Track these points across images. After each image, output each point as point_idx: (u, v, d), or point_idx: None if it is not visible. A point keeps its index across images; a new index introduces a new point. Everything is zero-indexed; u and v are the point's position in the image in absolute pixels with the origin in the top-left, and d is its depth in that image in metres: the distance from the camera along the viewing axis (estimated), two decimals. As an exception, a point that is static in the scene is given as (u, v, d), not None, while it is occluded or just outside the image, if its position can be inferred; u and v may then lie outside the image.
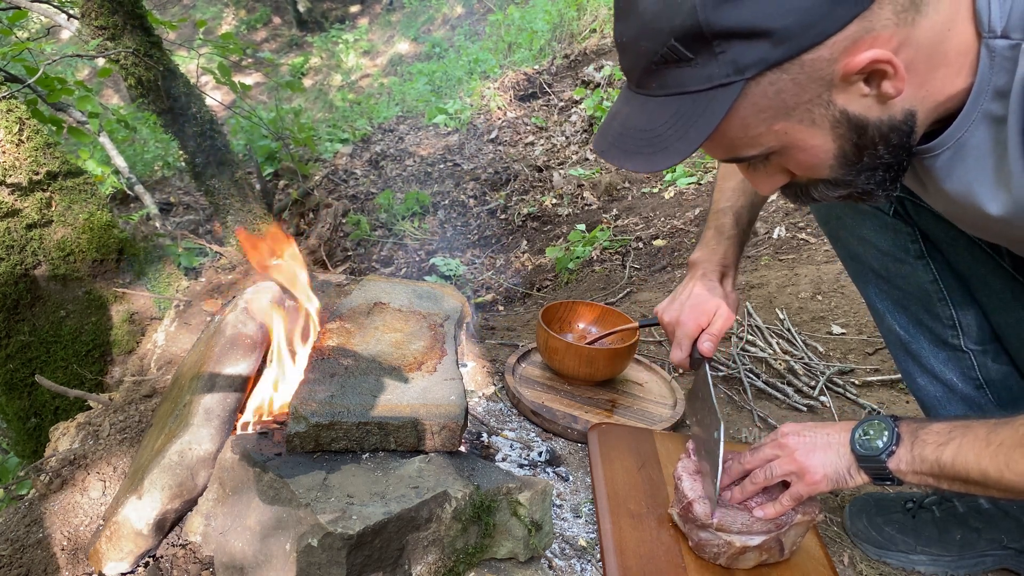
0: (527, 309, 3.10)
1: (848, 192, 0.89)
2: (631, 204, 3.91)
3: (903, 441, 0.97)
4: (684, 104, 0.78)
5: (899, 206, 1.18)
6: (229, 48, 3.17)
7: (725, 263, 1.30)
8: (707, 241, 1.33)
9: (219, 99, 5.97)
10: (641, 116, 0.83)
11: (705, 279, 1.28)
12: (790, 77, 0.75)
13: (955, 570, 1.26)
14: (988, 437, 0.88)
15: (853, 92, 0.77)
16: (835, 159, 0.84)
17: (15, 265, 1.73)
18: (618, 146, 0.85)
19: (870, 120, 0.80)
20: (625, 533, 1.16)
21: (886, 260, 1.23)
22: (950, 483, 0.93)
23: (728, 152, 0.86)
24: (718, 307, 1.24)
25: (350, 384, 1.20)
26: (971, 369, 1.22)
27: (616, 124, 0.87)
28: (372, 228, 4.37)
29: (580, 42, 6.46)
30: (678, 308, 1.27)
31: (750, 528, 1.07)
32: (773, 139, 0.82)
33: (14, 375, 1.84)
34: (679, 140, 0.79)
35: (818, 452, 1.04)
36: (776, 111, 0.78)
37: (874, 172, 0.85)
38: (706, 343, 1.22)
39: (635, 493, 1.26)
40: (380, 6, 12.60)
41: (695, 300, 1.25)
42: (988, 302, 1.18)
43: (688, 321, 1.24)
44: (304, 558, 0.93)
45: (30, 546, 1.14)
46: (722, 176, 1.35)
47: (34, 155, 1.76)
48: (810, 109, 0.78)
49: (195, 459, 1.10)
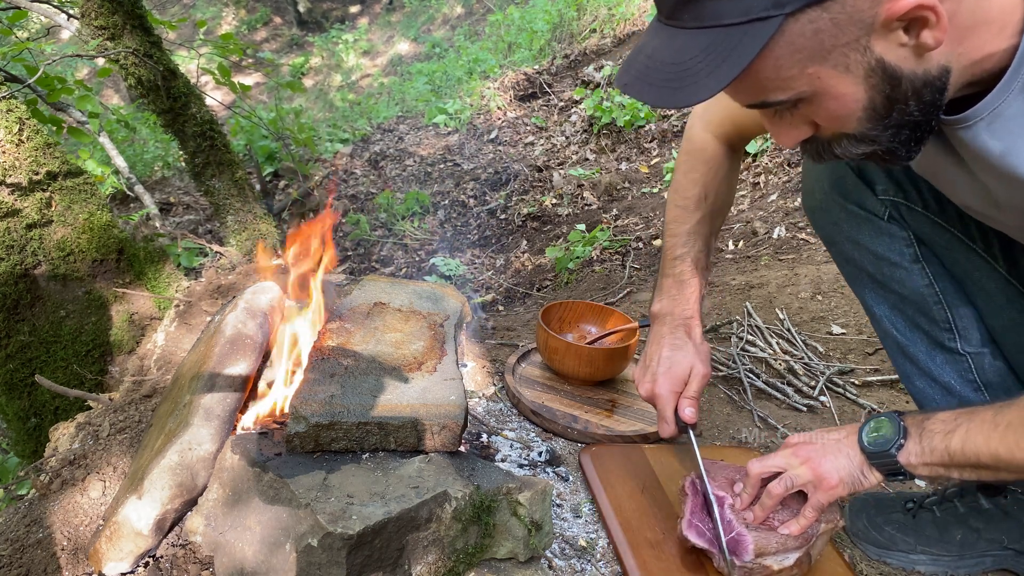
0: (527, 309, 3.10)
1: (872, 150, 0.86)
2: (631, 204, 3.91)
3: (910, 434, 0.96)
4: (717, 37, 0.74)
5: (893, 210, 1.18)
6: (229, 48, 3.17)
7: (688, 314, 1.29)
8: (667, 291, 1.32)
9: (219, 99, 5.97)
10: (670, 49, 0.78)
11: (672, 336, 1.28)
12: (830, 17, 0.72)
13: (955, 570, 1.26)
14: (995, 419, 0.88)
15: (892, 40, 0.74)
16: (864, 111, 0.80)
17: (15, 265, 1.73)
18: (643, 79, 0.81)
19: (904, 72, 0.77)
20: (651, 565, 1.14)
21: (881, 264, 1.23)
22: (960, 470, 0.92)
23: (755, 95, 0.82)
24: (691, 367, 1.25)
25: (350, 384, 1.20)
26: (968, 371, 1.22)
27: (642, 57, 0.82)
28: (372, 228, 4.37)
29: (580, 42, 6.46)
30: (651, 379, 1.27)
31: (785, 546, 1.06)
32: (804, 84, 0.78)
33: (14, 375, 1.84)
34: (708, 76, 0.75)
35: (829, 457, 1.03)
36: (812, 52, 0.75)
37: (900, 129, 0.82)
38: (687, 410, 1.23)
39: (647, 519, 1.24)
40: (380, 6, 12.60)
41: (666, 365, 1.26)
42: (984, 305, 1.18)
43: (664, 392, 1.24)
44: (304, 558, 0.93)
45: (30, 546, 1.14)
46: (673, 220, 1.34)
47: (34, 155, 1.76)
48: (846, 54, 0.75)
49: (195, 459, 1.10)
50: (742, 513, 1.10)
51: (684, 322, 1.29)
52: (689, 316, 1.29)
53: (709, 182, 1.31)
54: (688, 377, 1.25)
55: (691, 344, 1.27)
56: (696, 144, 1.32)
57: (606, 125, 4.76)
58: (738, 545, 1.08)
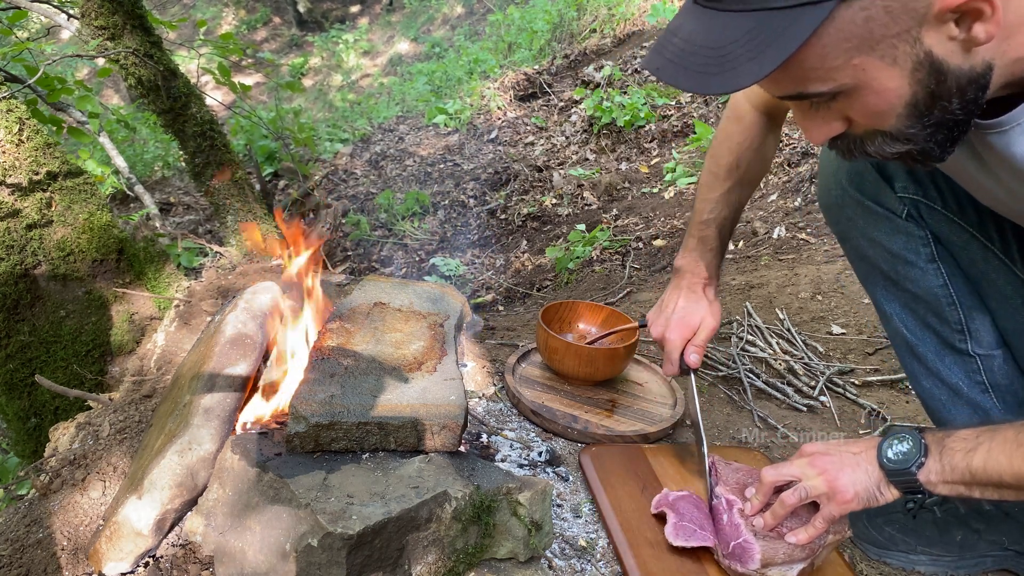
0: (527, 309, 3.10)
1: (907, 149, 0.83)
2: (631, 204, 3.91)
3: (931, 452, 0.95)
4: (763, 21, 0.71)
5: (912, 208, 1.17)
6: (229, 48, 3.17)
7: (708, 273, 1.36)
8: (691, 249, 1.38)
9: (219, 99, 5.97)
10: (709, 32, 0.75)
11: (690, 290, 1.36)
12: (884, 4, 0.69)
13: (955, 571, 1.25)
14: (1018, 438, 0.87)
15: (942, 32, 0.71)
16: (905, 107, 0.78)
17: (15, 265, 1.73)
18: (678, 63, 0.77)
19: (951, 67, 0.74)
20: (651, 565, 1.14)
21: (896, 262, 1.22)
22: (982, 489, 0.91)
23: (796, 85, 0.78)
24: (703, 318, 1.33)
25: (350, 384, 1.20)
26: (977, 373, 1.22)
27: (677, 40, 0.78)
28: (372, 228, 4.37)
29: (580, 42, 6.46)
30: (664, 322, 1.35)
31: (791, 557, 1.06)
32: (848, 75, 0.75)
33: (14, 375, 1.84)
34: (751, 61, 0.71)
35: (847, 471, 1.02)
36: (860, 42, 0.72)
37: (939, 128, 0.79)
38: (692, 355, 1.31)
39: (647, 520, 1.24)
40: (380, 6, 12.60)
41: (680, 313, 1.34)
42: (997, 307, 1.17)
43: (674, 336, 1.32)
44: (304, 558, 0.93)
45: (30, 546, 1.14)
46: (705, 185, 1.38)
47: (34, 155, 1.76)
48: (895, 45, 0.72)
49: (195, 459, 1.10)
50: (750, 519, 1.10)
51: (702, 280, 1.36)
52: (708, 276, 1.36)
53: (743, 152, 1.32)
54: (698, 327, 1.32)
55: (705, 300, 1.35)
56: (736, 111, 1.33)
57: (606, 125, 4.76)
58: (744, 553, 1.07)
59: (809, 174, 3.32)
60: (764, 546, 1.06)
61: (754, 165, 1.34)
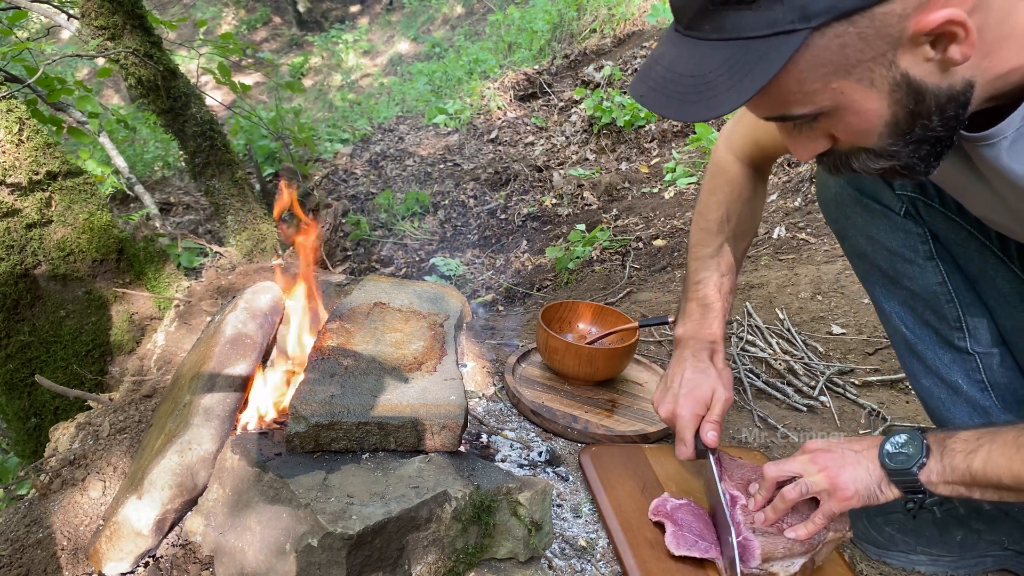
0: (527, 309, 3.10)
1: (891, 165, 0.84)
2: (631, 204, 3.91)
3: (932, 452, 0.96)
4: (740, 50, 0.73)
5: (910, 206, 1.18)
6: (229, 48, 3.17)
7: (713, 338, 1.28)
8: (690, 315, 1.31)
9: (219, 99, 5.97)
10: (689, 61, 0.77)
11: (695, 360, 1.27)
12: (857, 31, 0.70)
13: (955, 570, 1.25)
14: (1018, 440, 0.87)
15: (918, 55, 0.73)
16: (886, 126, 0.79)
17: (15, 265, 1.73)
18: (660, 91, 0.79)
19: (929, 87, 0.75)
20: (651, 565, 1.14)
21: (895, 260, 1.22)
22: (982, 491, 0.92)
23: (776, 108, 0.81)
24: (713, 390, 1.23)
25: (350, 384, 1.20)
26: (976, 371, 1.22)
27: (659, 68, 0.80)
28: (372, 228, 4.37)
29: (580, 42, 6.46)
30: (672, 400, 1.25)
31: (791, 551, 1.07)
32: (827, 98, 0.77)
33: (14, 375, 1.84)
34: (730, 89, 0.74)
35: (848, 468, 1.02)
36: (837, 67, 0.73)
37: (921, 145, 0.81)
38: (710, 433, 1.20)
39: (647, 520, 1.24)
40: (380, 6, 12.61)
41: (688, 387, 1.24)
42: (996, 305, 1.17)
43: (686, 413, 1.22)
44: (304, 558, 0.93)
45: (30, 546, 1.14)
46: (697, 243, 1.33)
47: (34, 155, 1.76)
48: (871, 68, 0.74)
49: (195, 459, 1.10)
50: (751, 516, 1.11)
51: (708, 346, 1.28)
52: (712, 340, 1.28)
53: (732, 204, 1.30)
54: (711, 401, 1.23)
55: (714, 369, 1.26)
56: (720, 166, 1.32)
57: (606, 125, 4.76)
58: (745, 550, 1.08)
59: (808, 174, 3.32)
60: (764, 541, 1.07)
61: (745, 217, 1.32)
